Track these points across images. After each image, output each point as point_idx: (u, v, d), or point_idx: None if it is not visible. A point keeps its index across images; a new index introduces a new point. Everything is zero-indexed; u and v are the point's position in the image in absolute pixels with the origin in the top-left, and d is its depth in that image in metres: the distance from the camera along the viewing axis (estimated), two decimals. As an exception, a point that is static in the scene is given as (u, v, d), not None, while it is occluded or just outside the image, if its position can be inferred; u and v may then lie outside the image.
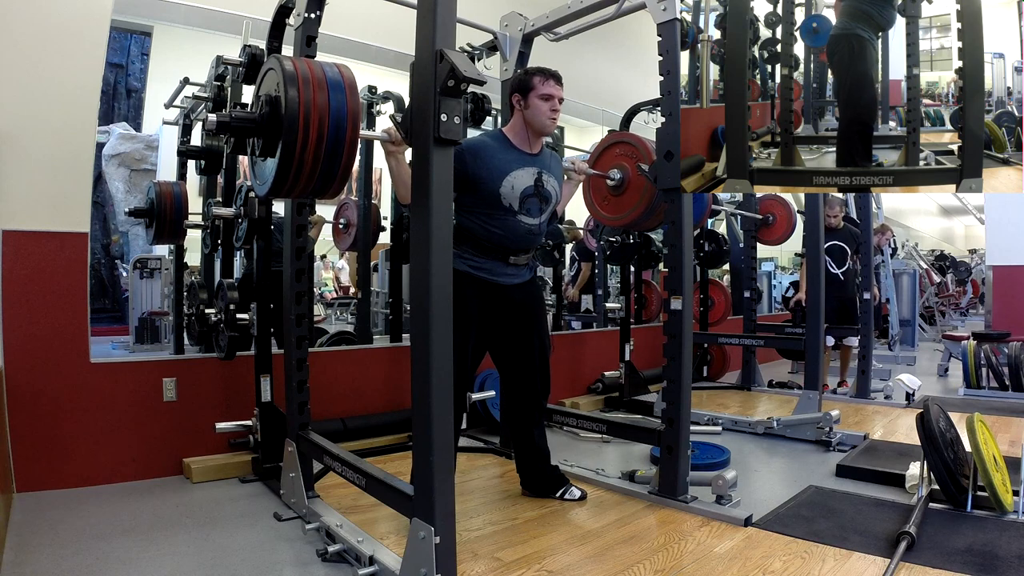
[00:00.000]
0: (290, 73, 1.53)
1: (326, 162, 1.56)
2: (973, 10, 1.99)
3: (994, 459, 2.19)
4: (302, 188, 1.60)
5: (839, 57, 2.19)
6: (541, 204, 2.30)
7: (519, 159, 2.26)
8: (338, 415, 3.17)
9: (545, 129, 2.27)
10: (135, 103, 5.26)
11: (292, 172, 1.55)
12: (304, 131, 1.51)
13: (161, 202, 2.92)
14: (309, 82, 1.53)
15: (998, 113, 2.11)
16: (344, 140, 1.56)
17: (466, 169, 2.13)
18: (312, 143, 1.52)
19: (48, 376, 2.53)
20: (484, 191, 2.18)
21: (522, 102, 2.25)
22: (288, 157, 1.52)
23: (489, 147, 2.23)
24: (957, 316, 10.95)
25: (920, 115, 2.13)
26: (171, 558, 1.92)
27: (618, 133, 3.06)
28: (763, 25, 2.32)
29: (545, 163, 2.34)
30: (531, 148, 2.30)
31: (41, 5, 2.55)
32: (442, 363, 1.51)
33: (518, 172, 2.23)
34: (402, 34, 1.96)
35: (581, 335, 4.90)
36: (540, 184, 2.29)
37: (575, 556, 1.93)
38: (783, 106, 2.26)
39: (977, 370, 4.71)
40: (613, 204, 2.89)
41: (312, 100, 1.52)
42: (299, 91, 1.51)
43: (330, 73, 1.58)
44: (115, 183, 4.83)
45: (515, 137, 2.29)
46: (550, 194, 2.33)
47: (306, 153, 1.52)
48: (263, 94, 1.61)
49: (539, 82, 2.23)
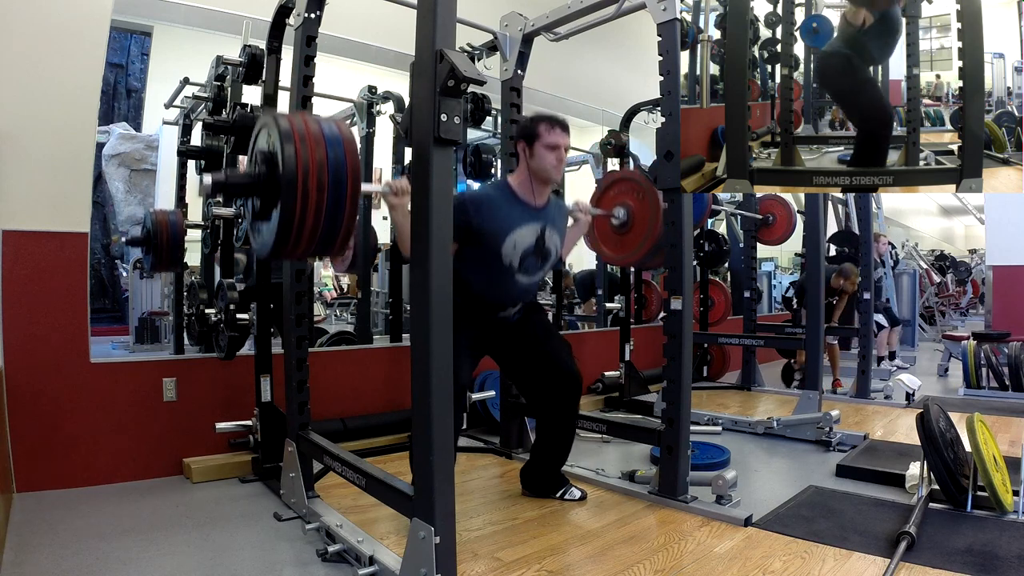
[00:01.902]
0: (286, 131, 1.46)
1: (327, 223, 1.49)
2: (973, 10, 1.99)
3: (994, 459, 2.19)
4: (303, 250, 1.54)
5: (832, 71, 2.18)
6: (540, 262, 2.29)
7: (524, 214, 2.22)
8: (338, 415, 3.17)
9: (551, 178, 2.23)
10: (135, 103, 5.26)
11: (293, 234, 1.48)
12: (303, 192, 1.44)
13: (157, 231, 2.85)
14: (306, 139, 1.46)
15: (998, 113, 2.11)
16: (345, 200, 1.50)
17: (470, 222, 2.09)
18: (312, 204, 1.46)
19: (48, 376, 2.53)
20: (487, 246, 2.15)
21: (527, 151, 2.21)
22: (287, 219, 1.46)
23: (494, 201, 2.19)
24: (957, 316, 10.95)
25: (920, 115, 2.13)
26: (171, 558, 1.92)
27: (620, 171, 3.02)
28: (763, 25, 2.32)
29: (550, 216, 2.29)
30: (536, 199, 2.25)
31: (41, 5, 2.55)
32: (442, 363, 1.51)
33: (522, 230, 2.19)
34: (402, 34, 1.96)
35: (581, 335, 4.90)
36: (542, 242, 2.26)
37: (575, 556, 1.93)
38: (783, 106, 2.26)
39: (977, 370, 4.71)
40: (617, 242, 2.85)
41: (310, 159, 1.45)
42: (296, 149, 1.44)
43: (327, 129, 1.52)
44: (115, 183, 4.83)
45: (520, 187, 2.24)
46: (550, 252, 2.31)
47: (306, 215, 1.46)
48: (259, 151, 1.55)
49: (545, 131, 2.18)
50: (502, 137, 3.05)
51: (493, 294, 2.23)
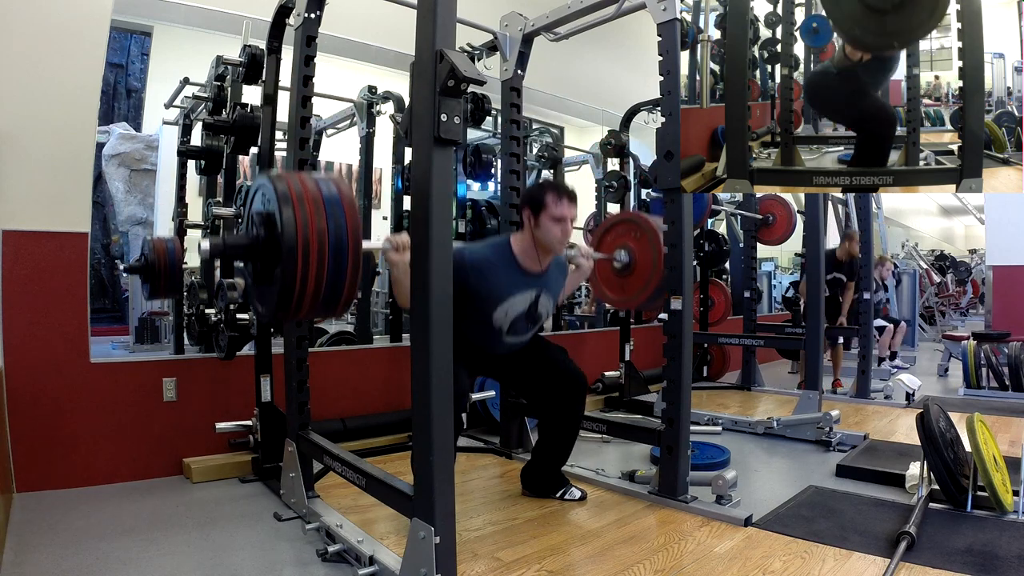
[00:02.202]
0: (284, 193, 1.42)
1: (329, 287, 1.46)
2: (973, 10, 1.98)
3: (994, 459, 2.19)
4: (306, 313, 1.50)
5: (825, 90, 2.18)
6: (529, 325, 2.30)
7: (522, 281, 2.22)
8: (338, 415, 3.17)
9: (555, 250, 2.23)
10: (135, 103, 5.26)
11: (294, 300, 1.45)
12: (304, 257, 1.40)
13: (155, 259, 2.86)
14: (304, 201, 1.42)
15: (998, 113, 2.11)
16: (346, 262, 1.46)
17: (467, 284, 2.09)
18: (313, 269, 1.42)
19: (48, 376, 2.53)
20: (478, 309, 2.16)
21: (532, 219, 2.19)
22: (288, 285, 1.43)
23: (493, 267, 2.18)
24: (957, 316, 10.95)
25: (920, 115, 2.13)
26: (171, 558, 1.92)
27: (621, 213, 2.96)
28: (763, 25, 2.32)
29: (548, 281, 2.30)
30: (537, 266, 2.24)
31: (41, 5, 2.55)
32: (442, 363, 1.51)
33: (517, 298, 2.20)
34: (402, 34, 1.96)
35: (581, 335, 4.90)
36: (534, 307, 2.27)
37: (575, 556, 1.93)
38: (783, 106, 2.26)
39: (977, 370, 4.71)
40: (619, 285, 2.82)
41: (310, 222, 1.41)
42: (295, 212, 1.40)
43: (325, 190, 1.47)
44: (115, 183, 4.83)
45: (523, 254, 2.23)
46: (541, 315, 2.32)
47: (307, 280, 1.42)
48: (255, 213, 1.51)
49: (552, 202, 2.15)
50: (502, 137, 3.05)
51: (480, 344, 2.24)
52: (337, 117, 4.04)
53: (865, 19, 1.95)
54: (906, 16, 1.93)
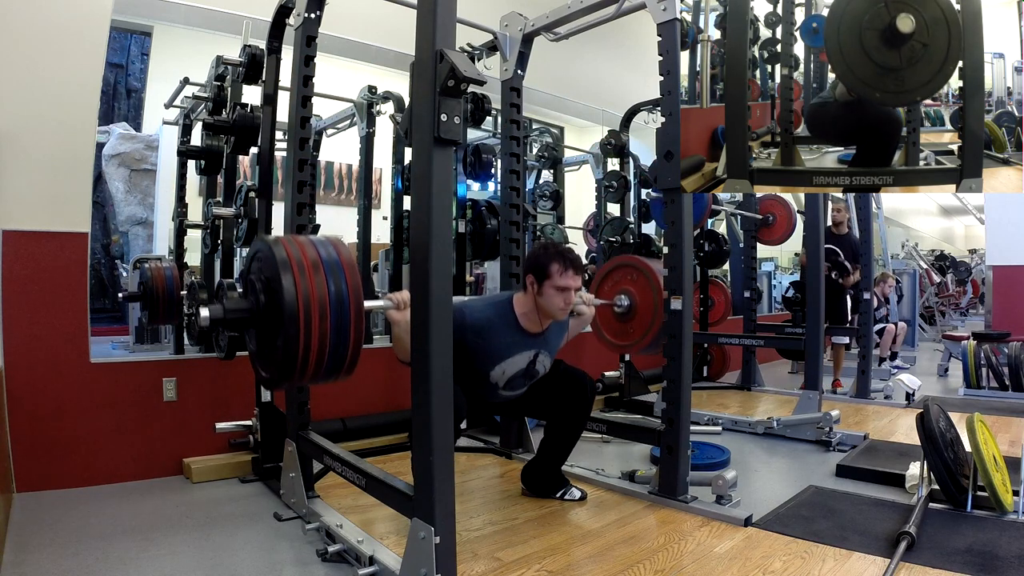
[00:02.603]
0: (283, 260, 1.42)
1: (332, 352, 1.45)
2: (973, 10, 1.98)
3: (994, 459, 2.19)
4: (311, 378, 1.49)
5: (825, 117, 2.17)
6: (526, 381, 2.32)
7: (521, 343, 2.22)
8: (338, 415, 3.17)
9: (556, 318, 2.23)
10: (135, 103, 5.27)
11: (298, 367, 1.44)
12: (306, 323, 1.40)
13: (153, 285, 2.84)
14: (304, 268, 1.42)
15: (998, 113, 2.11)
16: (349, 327, 1.46)
17: (466, 343, 2.10)
18: (315, 336, 1.41)
19: (48, 376, 2.53)
20: (475, 366, 2.17)
21: (535, 286, 2.18)
22: (292, 353, 1.42)
23: (494, 328, 2.18)
24: (957, 316, 10.95)
25: (920, 115, 2.13)
26: (171, 558, 1.92)
27: (620, 257, 2.94)
28: (763, 25, 2.32)
29: (547, 341, 2.30)
30: (538, 327, 2.25)
31: (41, 5, 2.56)
32: (442, 363, 1.51)
33: (514, 358, 2.21)
34: (402, 34, 1.96)
35: (581, 335, 4.89)
36: (532, 366, 2.28)
37: (575, 556, 1.93)
38: (783, 106, 2.26)
39: (977, 370, 4.71)
40: (620, 330, 2.82)
41: (310, 289, 1.41)
42: (295, 280, 1.40)
43: (324, 254, 1.47)
44: (115, 183, 4.84)
45: (524, 316, 2.23)
46: (538, 372, 2.33)
47: (310, 346, 1.42)
48: (254, 279, 1.51)
49: (556, 272, 2.15)
50: (502, 137, 3.05)
51: (475, 394, 2.24)
52: (337, 117, 4.04)
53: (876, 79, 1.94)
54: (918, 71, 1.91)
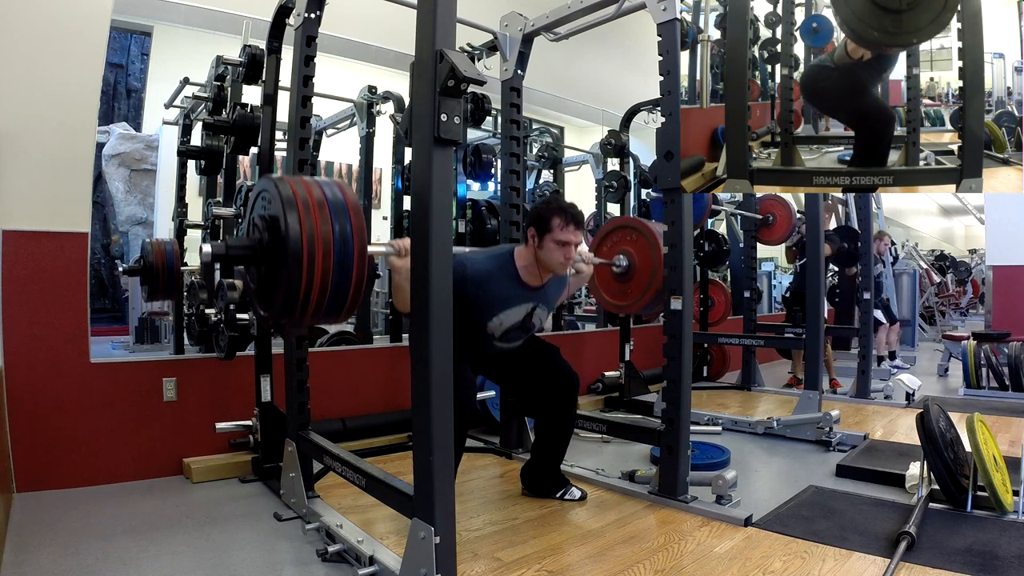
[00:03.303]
0: (288, 197, 1.41)
1: (334, 293, 1.44)
2: (973, 10, 1.98)
3: (994, 459, 2.19)
4: (310, 319, 1.49)
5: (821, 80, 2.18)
6: (522, 334, 2.32)
7: (520, 295, 2.23)
8: (338, 415, 3.17)
9: (556, 272, 2.23)
10: (135, 103, 5.26)
11: (299, 306, 1.43)
12: (309, 262, 1.38)
13: (153, 261, 2.85)
14: (309, 206, 1.41)
15: (998, 113, 2.11)
16: (352, 268, 1.45)
17: (465, 293, 2.10)
18: (318, 275, 1.40)
19: (48, 376, 2.53)
20: (473, 316, 2.17)
21: (536, 239, 2.18)
22: (293, 291, 1.41)
23: (494, 280, 2.18)
24: (957, 316, 10.95)
25: (920, 115, 2.13)
26: (171, 558, 1.92)
27: (621, 218, 2.97)
28: (763, 25, 2.32)
29: (546, 294, 2.30)
30: (538, 281, 2.25)
31: (41, 5, 2.55)
32: (442, 363, 1.51)
33: (512, 310, 2.22)
34: (402, 34, 1.96)
35: (581, 335, 4.90)
36: (528, 319, 2.28)
37: (575, 556, 1.93)
38: (783, 106, 2.26)
39: (977, 370, 4.71)
40: (619, 290, 2.83)
41: (315, 227, 1.39)
42: (300, 217, 1.39)
43: (330, 194, 1.46)
44: (115, 183, 4.83)
45: (524, 270, 2.23)
46: (534, 325, 2.33)
47: (312, 285, 1.41)
48: (258, 217, 1.49)
49: (558, 226, 2.14)
50: (502, 137, 3.05)
51: (474, 346, 2.25)
52: (337, 117, 4.04)
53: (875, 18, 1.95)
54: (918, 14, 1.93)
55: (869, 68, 2.10)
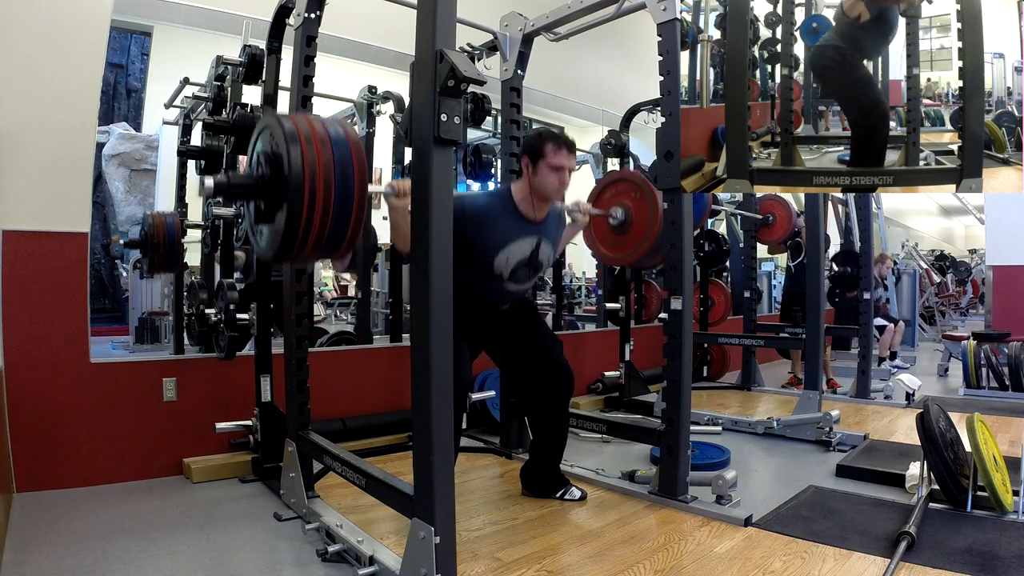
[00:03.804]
0: (291, 132, 1.43)
1: (334, 226, 1.46)
2: (973, 10, 1.98)
3: (994, 459, 2.19)
4: (309, 253, 1.50)
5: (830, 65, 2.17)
6: (531, 272, 2.31)
7: (521, 228, 2.22)
8: (338, 415, 3.17)
9: (551, 198, 2.24)
10: (135, 103, 5.26)
11: (299, 238, 1.44)
12: (310, 195, 1.40)
13: (154, 233, 2.87)
14: (312, 140, 1.43)
15: (998, 113, 2.11)
16: (352, 201, 1.46)
17: (465, 234, 2.09)
18: (319, 207, 1.42)
19: (48, 376, 2.52)
20: (478, 257, 2.16)
21: (531, 167, 2.19)
22: (294, 223, 1.42)
23: (493, 214, 2.19)
24: (957, 316, 10.95)
25: (920, 115, 2.13)
26: (171, 558, 1.92)
27: (619, 171, 3.01)
28: (763, 25, 2.32)
29: (547, 229, 2.30)
30: (536, 214, 2.25)
31: (41, 5, 2.55)
32: (442, 363, 1.51)
33: (516, 244, 2.20)
34: (402, 34, 1.96)
35: (581, 335, 4.90)
36: (535, 255, 2.27)
37: (575, 556, 1.93)
38: (783, 106, 2.26)
39: (977, 370, 4.71)
40: (615, 242, 2.84)
41: (317, 160, 1.42)
42: (303, 151, 1.41)
43: (332, 131, 1.48)
44: (115, 183, 4.84)
45: (522, 202, 2.23)
46: (542, 263, 2.32)
47: (313, 218, 1.42)
48: (260, 153, 1.51)
49: (551, 151, 2.16)
50: (502, 137, 3.05)
51: (486, 293, 2.25)
52: (338, 117, 4.04)
53: None
54: None
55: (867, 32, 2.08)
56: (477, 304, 2.24)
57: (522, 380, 2.48)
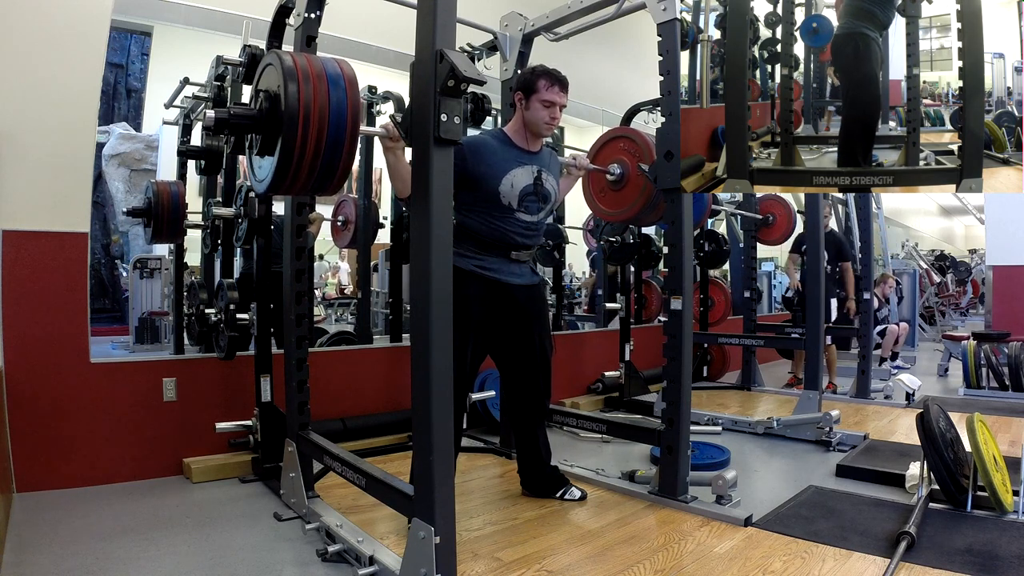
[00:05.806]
0: (290, 68, 1.50)
1: (326, 158, 1.54)
2: (973, 10, 1.98)
3: (994, 459, 2.19)
4: (302, 185, 1.58)
5: (845, 57, 2.18)
6: (540, 202, 2.31)
7: (518, 157, 2.26)
8: (338, 415, 3.17)
9: (541, 134, 2.28)
10: (135, 103, 5.26)
11: (292, 169, 1.53)
12: (304, 127, 1.48)
13: (159, 201, 2.91)
14: (309, 77, 1.50)
15: (998, 113, 2.11)
16: (344, 136, 1.54)
17: (466, 167, 2.12)
18: (312, 139, 1.50)
19: (48, 376, 2.52)
20: (484, 189, 2.18)
21: (523, 102, 2.25)
22: (288, 154, 1.50)
23: (489, 145, 2.24)
24: (957, 316, 10.95)
25: (920, 115, 2.12)
26: (171, 558, 1.92)
27: (618, 128, 3.03)
28: (763, 25, 2.32)
29: (544, 162, 2.34)
30: (530, 147, 2.30)
31: (41, 5, 2.55)
32: (442, 363, 1.51)
33: (517, 171, 2.23)
34: (402, 34, 1.96)
35: (581, 335, 4.90)
36: (539, 182, 2.29)
37: (575, 556, 1.93)
38: (783, 106, 2.26)
39: (977, 370, 4.71)
40: (612, 199, 2.87)
41: (312, 96, 1.49)
42: (299, 86, 1.49)
43: (330, 68, 1.56)
44: (115, 183, 4.84)
45: (515, 135, 2.29)
46: (549, 193, 2.33)
47: (306, 149, 1.50)
48: (262, 89, 1.59)
49: (544, 87, 2.21)
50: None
51: (500, 233, 2.24)
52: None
53: None
54: None
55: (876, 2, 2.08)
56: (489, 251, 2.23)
57: (505, 387, 2.52)
